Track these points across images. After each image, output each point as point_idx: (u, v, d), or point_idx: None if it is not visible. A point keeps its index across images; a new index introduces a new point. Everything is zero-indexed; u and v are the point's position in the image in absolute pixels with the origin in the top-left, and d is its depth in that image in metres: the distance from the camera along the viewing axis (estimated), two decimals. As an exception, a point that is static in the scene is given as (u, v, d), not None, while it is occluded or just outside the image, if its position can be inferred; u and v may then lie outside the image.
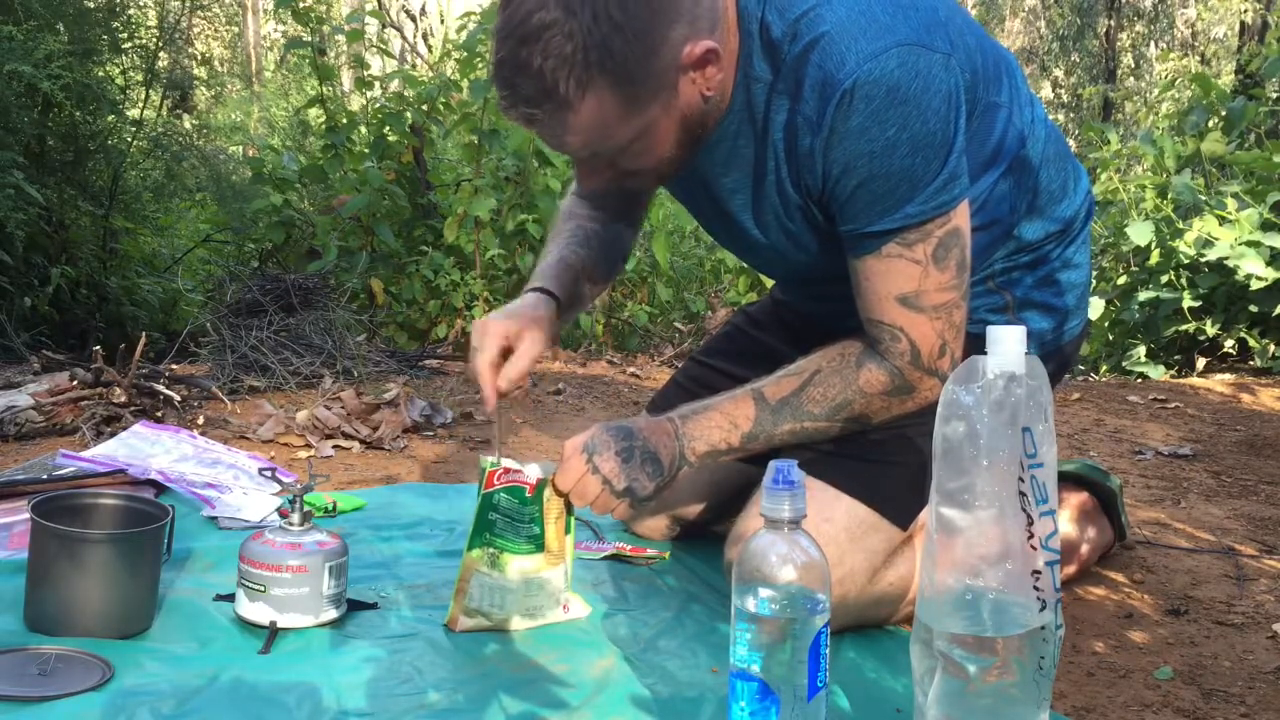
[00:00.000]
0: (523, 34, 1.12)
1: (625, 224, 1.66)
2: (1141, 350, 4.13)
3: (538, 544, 1.34)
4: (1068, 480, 1.71)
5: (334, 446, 2.42)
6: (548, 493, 1.33)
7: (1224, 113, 4.71)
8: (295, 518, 1.35)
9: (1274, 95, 5.06)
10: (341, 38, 5.20)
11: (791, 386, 1.34)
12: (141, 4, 5.28)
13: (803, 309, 1.63)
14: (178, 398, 2.62)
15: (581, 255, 1.56)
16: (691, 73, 1.19)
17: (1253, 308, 3.83)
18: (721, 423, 1.34)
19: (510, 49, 1.14)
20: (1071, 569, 1.63)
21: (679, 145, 1.25)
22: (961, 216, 1.26)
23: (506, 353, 1.40)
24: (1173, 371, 3.97)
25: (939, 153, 1.20)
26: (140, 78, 4.86)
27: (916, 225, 1.23)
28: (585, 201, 1.64)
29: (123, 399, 2.49)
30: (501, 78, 1.17)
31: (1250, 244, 3.78)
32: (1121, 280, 4.50)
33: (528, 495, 1.33)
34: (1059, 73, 17.13)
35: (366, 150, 4.53)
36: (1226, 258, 3.80)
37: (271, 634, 1.29)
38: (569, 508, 1.36)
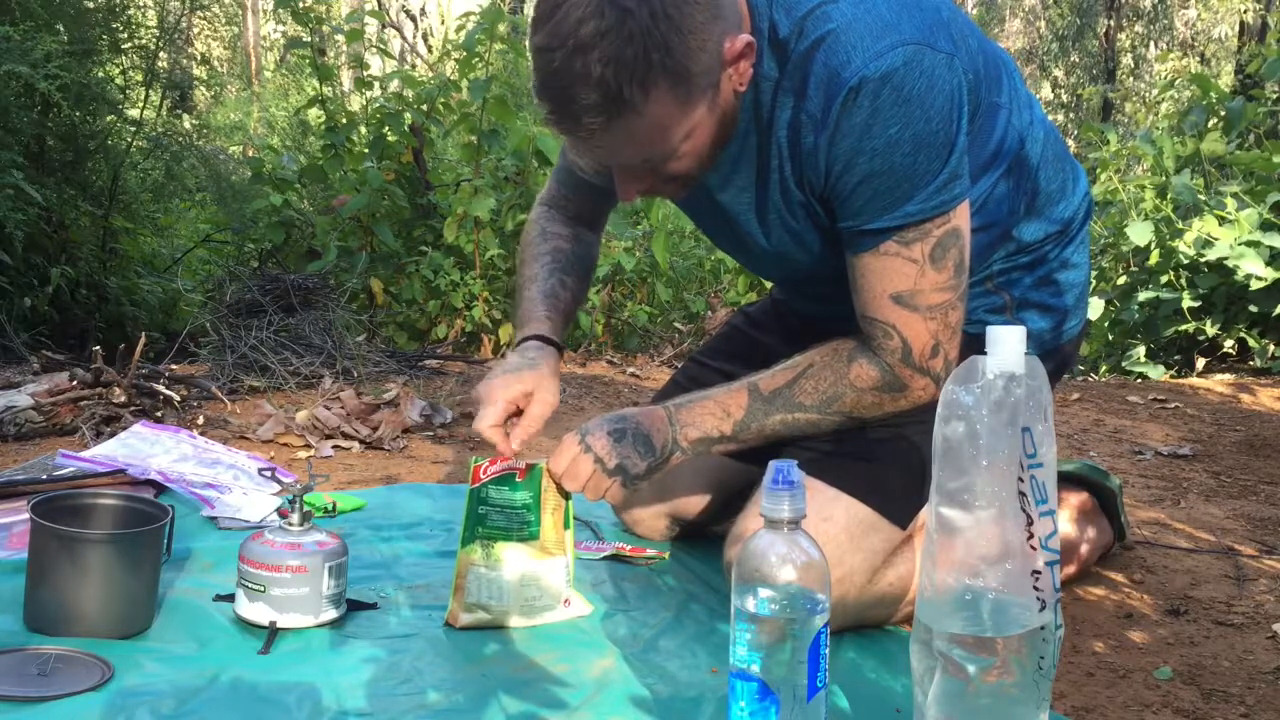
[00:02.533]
0: (576, 44, 1.09)
1: (594, 232, 1.67)
2: (1141, 350, 4.13)
3: (532, 535, 1.35)
4: (1068, 480, 1.71)
5: (334, 447, 2.42)
6: (545, 482, 1.34)
7: (1223, 113, 4.71)
8: (295, 518, 1.35)
9: (1274, 95, 5.06)
10: (341, 38, 5.20)
11: (785, 379, 1.34)
12: (141, 4, 5.28)
13: (802, 310, 1.63)
14: (177, 398, 2.62)
15: (570, 285, 1.56)
16: (730, 68, 1.19)
17: (1252, 308, 3.83)
18: (715, 410, 1.35)
19: (563, 60, 1.10)
20: (1071, 569, 1.62)
21: (714, 144, 1.25)
22: (961, 217, 1.26)
23: (517, 413, 1.39)
24: (1172, 372, 3.97)
25: (941, 152, 1.20)
26: (140, 78, 4.86)
27: (915, 224, 1.23)
28: (556, 213, 1.63)
29: (122, 399, 2.49)
30: (555, 92, 1.13)
31: (1250, 244, 3.78)
32: (1121, 280, 4.50)
33: (518, 480, 1.33)
34: (1059, 73, 17.13)
35: (366, 150, 4.53)
36: (1226, 258, 3.80)
37: (271, 634, 1.29)
38: (566, 497, 1.36)
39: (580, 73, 1.10)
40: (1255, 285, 3.75)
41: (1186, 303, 3.95)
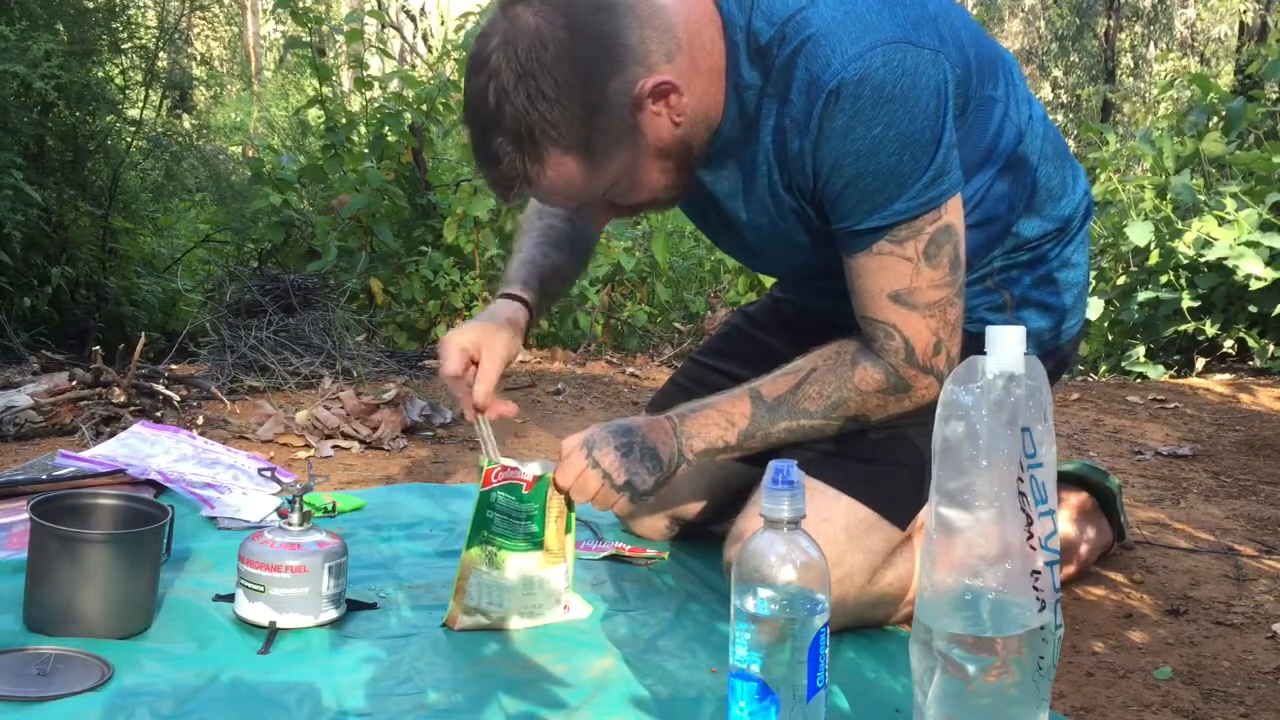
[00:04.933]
0: (483, 123, 1.19)
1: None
2: (1141, 350, 4.13)
3: (536, 542, 1.35)
4: (1068, 480, 1.71)
5: (333, 447, 2.42)
6: (550, 490, 1.33)
7: (1223, 113, 4.71)
8: (295, 518, 1.35)
9: (1274, 96, 5.06)
10: (341, 38, 5.20)
11: (788, 385, 1.34)
12: (141, 4, 5.28)
13: (803, 304, 1.63)
14: (177, 398, 2.62)
15: (553, 258, 1.59)
16: (651, 107, 1.20)
17: (1252, 308, 3.83)
18: (719, 421, 1.34)
19: (476, 137, 1.22)
20: (1071, 569, 1.63)
21: (668, 173, 1.28)
22: (954, 213, 1.26)
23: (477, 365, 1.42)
24: (1172, 372, 3.97)
25: (927, 149, 1.20)
26: (140, 78, 4.87)
27: (906, 222, 1.23)
28: None
29: (122, 399, 2.49)
30: (477, 158, 1.25)
31: (1249, 244, 3.78)
32: (1121, 280, 4.50)
33: (524, 491, 1.33)
34: (1058, 73, 17.12)
35: (366, 150, 4.53)
36: (1226, 258, 3.80)
37: (271, 634, 1.29)
38: (569, 505, 1.36)
39: (491, 152, 1.21)
40: (1255, 285, 3.75)
41: (1186, 303, 3.95)
